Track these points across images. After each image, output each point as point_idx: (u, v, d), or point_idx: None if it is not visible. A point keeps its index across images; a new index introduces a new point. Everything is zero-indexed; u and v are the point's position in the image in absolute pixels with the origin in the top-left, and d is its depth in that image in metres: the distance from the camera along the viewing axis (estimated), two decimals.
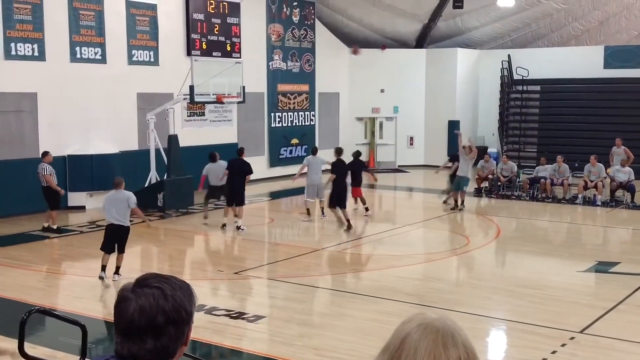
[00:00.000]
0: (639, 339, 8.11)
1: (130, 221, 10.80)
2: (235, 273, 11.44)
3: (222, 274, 11.49)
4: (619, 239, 14.91)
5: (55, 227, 14.17)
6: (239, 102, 18.85)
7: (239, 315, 8.94)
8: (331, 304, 9.87)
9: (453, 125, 25.68)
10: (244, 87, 17.79)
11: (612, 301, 9.52)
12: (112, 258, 10.56)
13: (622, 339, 8.11)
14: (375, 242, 13.84)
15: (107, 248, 10.48)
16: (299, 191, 17.57)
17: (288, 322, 8.82)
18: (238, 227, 14.29)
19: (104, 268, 10.48)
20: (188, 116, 19.90)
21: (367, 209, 16.04)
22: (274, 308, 9.67)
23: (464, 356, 1.53)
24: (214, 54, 20.13)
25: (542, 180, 18.60)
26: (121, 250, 10.52)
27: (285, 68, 23.32)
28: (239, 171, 14.44)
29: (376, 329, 8.17)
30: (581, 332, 8.29)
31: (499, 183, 19.40)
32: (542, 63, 24.65)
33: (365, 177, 16.92)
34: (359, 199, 16.36)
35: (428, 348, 1.52)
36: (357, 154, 16.24)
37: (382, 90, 25.81)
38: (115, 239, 10.46)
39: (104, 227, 10.81)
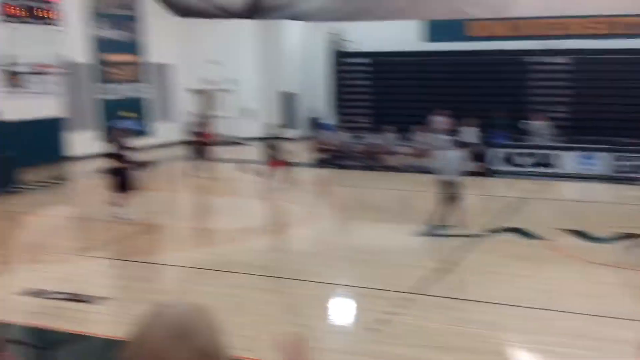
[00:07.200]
0: (467, 297, 8.83)
1: None
2: (74, 255, 10.93)
3: (56, 256, 10.93)
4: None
5: None
6: (60, 73, 17.66)
7: (79, 298, 8.57)
8: (179, 280, 9.74)
9: (287, 98, 26.01)
10: (64, 57, 16.71)
11: (444, 262, 10.25)
12: None
13: (452, 297, 8.77)
14: (214, 215, 13.79)
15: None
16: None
17: (134, 302, 8.59)
18: None
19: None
20: (6, 88, 18.45)
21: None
22: (118, 288, 9.39)
23: (195, 354, 1.43)
24: (30, 20, 18.60)
25: (373, 149, 19.44)
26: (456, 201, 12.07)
27: (111, 37, 22.27)
28: None
29: (228, 304, 8.21)
30: (414, 293, 8.82)
31: (334, 154, 20.04)
32: (369, 36, 25.46)
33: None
34: None
35: (154, 346, 1.41)
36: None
37: (214, 62, 25.47)
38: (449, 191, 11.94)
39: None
